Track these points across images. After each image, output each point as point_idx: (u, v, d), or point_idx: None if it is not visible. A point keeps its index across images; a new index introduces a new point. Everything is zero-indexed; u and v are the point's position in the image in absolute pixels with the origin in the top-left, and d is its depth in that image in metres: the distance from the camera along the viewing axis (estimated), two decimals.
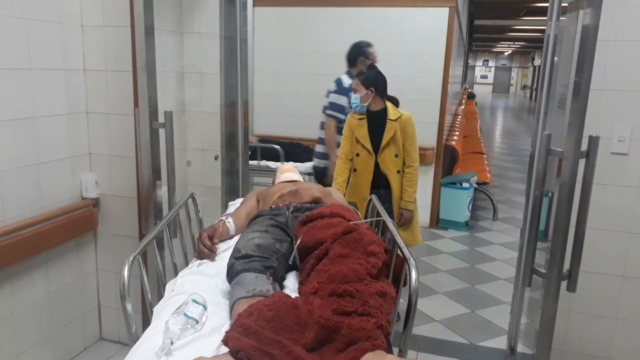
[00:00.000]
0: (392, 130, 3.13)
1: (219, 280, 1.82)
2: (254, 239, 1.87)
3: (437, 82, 5.14)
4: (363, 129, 3.17)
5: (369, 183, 3.22)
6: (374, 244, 1.76)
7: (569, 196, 2.03)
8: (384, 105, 3.17)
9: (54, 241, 2.69)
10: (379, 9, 5.09)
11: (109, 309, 3.12)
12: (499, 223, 5.90)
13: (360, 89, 3.14)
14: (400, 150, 3.17)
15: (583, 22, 1.98)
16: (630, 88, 2.37)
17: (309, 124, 5.26)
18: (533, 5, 11.24)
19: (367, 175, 3.21)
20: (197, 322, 1.49)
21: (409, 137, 3.18)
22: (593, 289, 2.57)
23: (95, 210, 2.96)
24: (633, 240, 2.49)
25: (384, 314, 1.50)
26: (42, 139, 2.58)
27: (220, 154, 3.23)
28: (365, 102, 3.14)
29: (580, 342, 2.65)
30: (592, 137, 2.00)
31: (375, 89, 3.13)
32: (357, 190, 3.24)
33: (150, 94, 2.50)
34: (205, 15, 3.16)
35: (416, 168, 3.22)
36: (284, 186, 2.40)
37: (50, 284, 2.75)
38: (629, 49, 2.35)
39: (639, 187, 2.44)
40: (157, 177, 2.60)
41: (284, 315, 1.43)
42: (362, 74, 3.21)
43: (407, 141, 3.18)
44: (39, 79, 2.53)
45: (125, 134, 2.83)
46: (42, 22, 2.52)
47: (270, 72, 5.37)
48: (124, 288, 1.66)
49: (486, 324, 3.53)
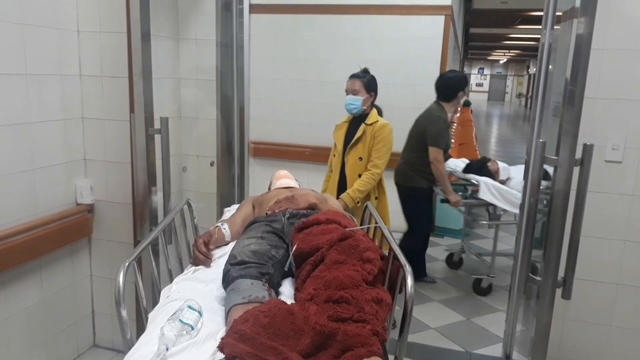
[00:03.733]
0: (362, 131, 3.10)
1: (214, 286, 1.81)
2: (249, 245, 1.86)
3: (432, 90, 5.14)
4: (342, 130, 3.21)
5: (336, 183, 3.22)
6: (370, 250, 1.76)
7: (563, 204, 2.04)
8: (369, 111, 3.18)
9: (48, 247, 2.68)
10: (375, 16, 5.11)
11: (103, 315, 3.10)
12: (494, 230, 5.89)
13: (362, 92, 3.12)
14: (365, 154, 3.11)
15: (577, 31, 2.00)
16: (624, 96, 2.39)
17: (304, 130, 5.29)
18: (528, 14, 11.34)
19: (335, 176, 3.24)
20: (193, 328, 1.48)
21: (377, 142, 3.10)
22: (587, 297, 2.57)
23: (90, 216, 2.95)
24: (627, 248, 2.50)
25: (380, 320, 1.50)
26: (37, 144, 2.58)
27: (216, 161, 3.23)
28: (366, 105, 3.15)
29: (575, 349, 2.65)
30: (586, 145, 2.02)
31: (375, 94, 3.15)
32: (329, 190, 3.26)
33: (147, 99, 2.50)
34: (202, 21, 3.17)
35: (374, 173, 3.10)
36: (280, 192, 2.40)
37: (43, 290, 2.73)
38: (622, 58, 2.37)
39: (632, 195, 2.45)
40: (152, 183, 2.59)
41: (280, 321, 1.42)
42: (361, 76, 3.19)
43: (375, 146, 3.10)
44: (35, 85, 2.53)
45: (120, 140, 2.82)
46: (38, 28, 2.52)
47: (266, 78, 5.37)
48: (119, 294, 1.64)
49: (482, 332, 3.53)
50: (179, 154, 3.29)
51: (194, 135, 3.28)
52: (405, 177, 3.91)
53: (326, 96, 4.47)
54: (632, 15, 2.34)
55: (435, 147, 3.71)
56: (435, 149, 3.71)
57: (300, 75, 5.39)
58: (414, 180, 3.86)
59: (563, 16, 2.62)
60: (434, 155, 3.71)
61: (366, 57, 4.98)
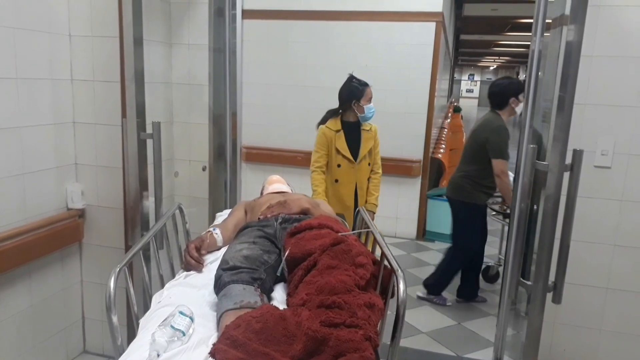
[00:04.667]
0: (370, 140, 3.28)
1: (206, 291, 1.81)
2: (242, 251, 1.86)
3: (423, 95, 5.19)
4: (341, 140, 3.22)
5: (352, 192, 3.30)
6: (362, 255, 1.77)
7: (554, 209, 2.06)
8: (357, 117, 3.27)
9: (38, 252, 2.66)
10: (367, 23, 5.15)
11: (93, 321, 3.07)
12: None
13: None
14: (370, 159, 3.33)
15: (567, 38, 2.02)
16: (612, 102, 2.42)
17: (296, 135, 5.30)
18: (518, 22, 11.43)
19: (349, 184, 3.29)
20: (184, 334, 1.48)
21: (376, 145, 3.35)
22: (577, 301, 2.59)
23: (81, 221, 2.93)
24: (616, 253, 2.52)
25: (372, 325, 1.50)
26: (28, 148, 2.56)
27: (208, 165, 3.22)
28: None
29: (565, 353, 2.67)
30: (576, 150, 2.03)
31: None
32: (341, 200, 3.27)
33: (139, 104, 2.50)
34: (195, 26, 3.17)
35: (380, 174, 3.40)
36: (272, 197, 2.40)
37: (33, 296, 2.70)
38: (611, 65, 2.40)
39: (621, 200, 2.48)
40: (144, 188, 2.58)
41: (272, 326, 1.42)
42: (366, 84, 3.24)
43: (376, 149, 3.36)
44: (26, 89, 2.51)
45: (112, 145, 2.81)
46: (30, 32, 2.51)
47: (259, 84, 5.38)
48: (110, 299, 1.64)
49: (472, 336, 3.54)
50: (171, 159, 3.28)
51: (186, 140, 3.27)
52: (462, 192, 3.73)
53: (318, 102, 4.46)
54: (620, 22, 2.37)
55: (500, 159, 3.51)
56: (501, 161, 3.51)
57: (292, 81, 5.41)
58: (473, 196, 3.68)
59: (552, 23, 2.65)
60: (499, 168, 3.50)
61: (358, 63, 5.02)
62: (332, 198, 3.29)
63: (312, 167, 3.26)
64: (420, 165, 5.34)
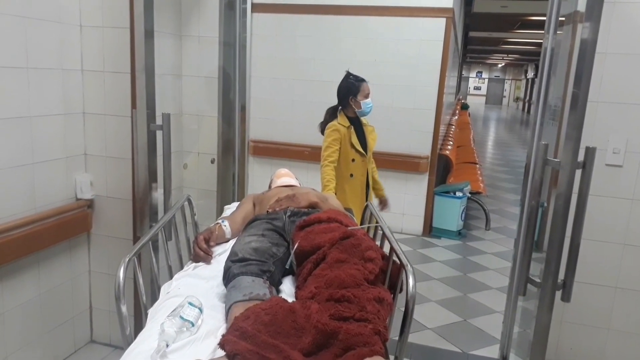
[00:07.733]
0: (372, 134, 3.32)
1: (214, 283, 1.81)
2: (251, 243, 1.86)
3: (432, 92, 5.17)
4: (354, 135, 3.21)
5: (364, 185, 3.33)
6: (372, 249, 1.76)
7: (565, 206, 2.04)
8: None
9: (47, 242, 2.67)
10: (376, 18, 5.12)
11: (100, 311, 3.09)
12: (491, 232, 5.92)
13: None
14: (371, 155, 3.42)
15: (582, 36, 2.00)
16: (625, 100, 2.40)
17: (303, 130, 5.29)
18: (527, 19, 11.37)
19: (362, 178, 3.31)
20: (193, 324, 1.48)
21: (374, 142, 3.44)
22: (585, 300, 2.58)
23: (90, 212, 2.94)
24: (626, 252, 2.51)
25: (381, 319, 1.49)
26: (38, 138, 2.57)
27: (216, 158, 3.22)
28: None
29: (572, 352, 2.66)
30: (588, 148, 2.01)
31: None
32: (355, 194, 3.26)
33: (149, 96, 2.50)
34: (205, 20, 3.17)
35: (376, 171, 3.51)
36: (281, 190, 2.40)
37: (41, 285, 2.72)
38: (624, 62, 2.37)
39: (632, 199, 2.46)
40: (153, 179, 2.59)
41: (281, 319, 1.42)
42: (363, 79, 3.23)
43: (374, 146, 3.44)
44: (36, 78, 2.52)
45: (121, 136, 2.81)
46: (40, 21, 2.51)
47: (267, 78, 5.38)
48: (119, 289, 1.64)
49: (479, 333, 3.53)
50: (180, 151, 3.28)
51: (195, 132, 3.27)
52: None
53: (326, 96, 4.43)
54: (635, 19, 2.35)
55: None
56: None
57: (300, 75, 5.40)
58: None
59: (565, 20, 2.63)
60: None
61: (366, 58, 5.01)
62: (348, 193, 3.27)
63: (325, 162, 3.23)
64: (427, 162, 5.32)
